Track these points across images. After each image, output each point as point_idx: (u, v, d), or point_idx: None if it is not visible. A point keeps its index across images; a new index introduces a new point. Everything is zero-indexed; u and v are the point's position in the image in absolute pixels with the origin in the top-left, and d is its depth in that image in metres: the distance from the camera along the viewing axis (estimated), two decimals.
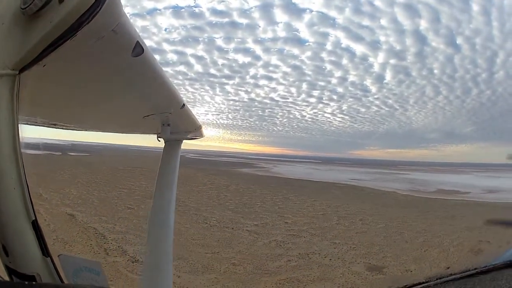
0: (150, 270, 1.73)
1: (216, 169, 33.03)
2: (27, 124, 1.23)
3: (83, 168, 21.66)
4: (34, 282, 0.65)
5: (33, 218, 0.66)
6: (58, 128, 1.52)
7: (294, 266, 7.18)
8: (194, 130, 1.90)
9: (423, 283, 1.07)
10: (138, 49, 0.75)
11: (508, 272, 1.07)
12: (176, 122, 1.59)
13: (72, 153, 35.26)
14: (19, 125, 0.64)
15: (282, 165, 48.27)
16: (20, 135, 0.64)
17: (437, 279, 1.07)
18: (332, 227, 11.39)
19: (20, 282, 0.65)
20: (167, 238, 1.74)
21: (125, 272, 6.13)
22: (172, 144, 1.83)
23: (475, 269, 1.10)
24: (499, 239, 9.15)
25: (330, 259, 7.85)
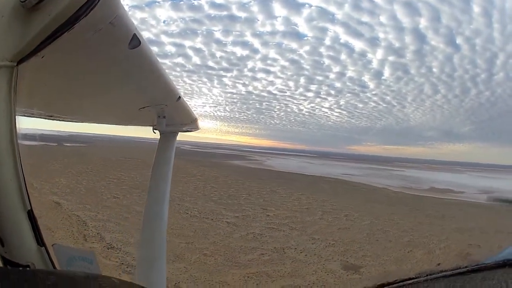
0: (144, 262, 1.73)
1: (209, 160, 32.84)
2: (25, 115, 1.22)
3: (76, 158, 21.70)
4: (27, 268, 0.65)
5: (29, 208, 0.66)
6: (55, 119, 1.50)
7: (266, 260, 6.92)
8: (190, 123, 1.89)
9: (413, 278, 1.02)
10: (135, 41, 0.75)
11: (499, 272, 1.01)
12: (171, 115, 1.58)
13: (68, 144, 35.68)
14: (16, 116, 0.63)
15: (276, 158, 47.97)
16: (17, 127, 0.63)
17: (427, 275, 1.02)
18: (315, 221, 10.88)
19: (14, 269, 0.64)
20: (161, 230, 1.74)
21: (99, 257, 6.13)
22: (168, 136, 1.83)
23: (466, 267, 1.04)
24: (491, 243, 8.52)
25: (306, 255, 7.41)
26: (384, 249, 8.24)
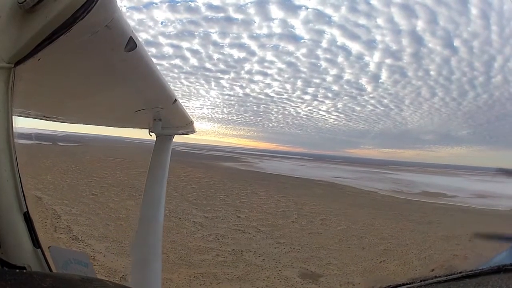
0: (139, 264, 1.72)
1: (199, 162, 32.24)
2: (22, 116, 1.21)
3: (66, 157, 21.87)
4: (24, 270, 0.65)
5: (25, 210, 0.66)
6: (52, 120, 1.49)
7: (219, 262, 6.71)
8: (186, 126, 1.87)
9: (406, 284, 0.99)
10: (131, 44, 0.75)
11: (494, 278, 0.99)
12: (167, 117, 1.58)
13: (62, 143, 35.95)
14: (13, 117, 0.63)
15: (270, 160, 47.24)
16: (14, 128, 0.63)
17: (421, 281, 1.00)
18: (286, 225, 10.05)
19: (10, 270, 0.63)
20: (156, 233, 1.74)
21: (63, 247, 5.86)
22: (164, 139, 1.83)
23: (460, 272, 1.02)
24: (480, 254, 7.46)
25: (264, 259, 6.90)
26: (354, 257, 7.28)
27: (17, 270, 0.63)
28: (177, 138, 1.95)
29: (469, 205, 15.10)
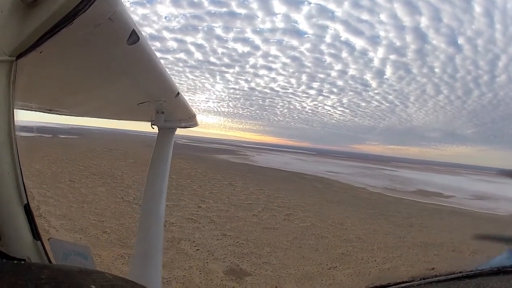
0: (140, 257, 1.71)
1: (192, 154, 31.71)
2: (24, 109, 1.22)
3: (60, 148, 21.89)
4: (23, 262, 0.64)
5: (25, 202, 0.66)
6: (54, 113, 1.49)
7: None
8: (188, 119, 1.87)
9: (407, 282, 1.02)
10: (134, 37, 0.74)
11: (494, 279, 0.99)
12: (170, 110, 1.57)
13: (62, 136, 35.93)
14: (14, 110, 0.63)
15: (269, 154, 46.18)
16: (15, 121, 0.63)
17: (421, 279, 1.01)
18: (244, 218, 9.15)
19: (8, 262, 0.62)
20: (157, 226, 1.73)
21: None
22: (166, 132, 1.82)
23: (460, 272, 1.04)
24: (462, 268, 6.00)
25: (198, 250, 6.39)
26: (300, 259, 6.19)
27: (15, 262, 0.61)
28: (182, 132, 1.97)
29: (465, 207, 13.51)
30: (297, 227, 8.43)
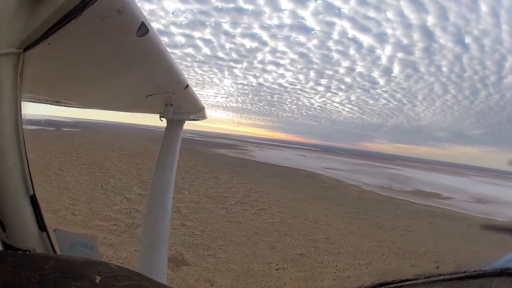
0: (146, 250, 1.72)
1: (191, 148, 31.52)
2: (31, 101, 1.21)
3: (60, 140, 22.24)
4: (27, 252, 0.64)
5: (32, 193, 0.66)
6: (62, 105, 1.48)
7: (110, 230, 6.63)
8: (197, 111, 1.85)
9: (411, 280, 1.02)
10: (143, 29, 0.73)
11: (497, 281, 0.99)
12: (179, 103, 1.58)
13: (65, 129, 36.59)
14: (22, 102, 0.63)
15: (271, 149, 45.58)
16: (22, 113, 0.63)
17: (425, 278, 1.03)
18: (212, 210, 8.84)
19: (13, 252, 0.62)
20: (164, 219, 1.73)
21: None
22: (174, 124, 1.82)
23: (464, 272, 1.05)
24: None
25: None
26: (250, 256, 5.69)
27: (20, 252, 0.60)
28: (190, 126, 1.76)
29: (461, 210, 12.48)
30: (263, 222, 7.89)
